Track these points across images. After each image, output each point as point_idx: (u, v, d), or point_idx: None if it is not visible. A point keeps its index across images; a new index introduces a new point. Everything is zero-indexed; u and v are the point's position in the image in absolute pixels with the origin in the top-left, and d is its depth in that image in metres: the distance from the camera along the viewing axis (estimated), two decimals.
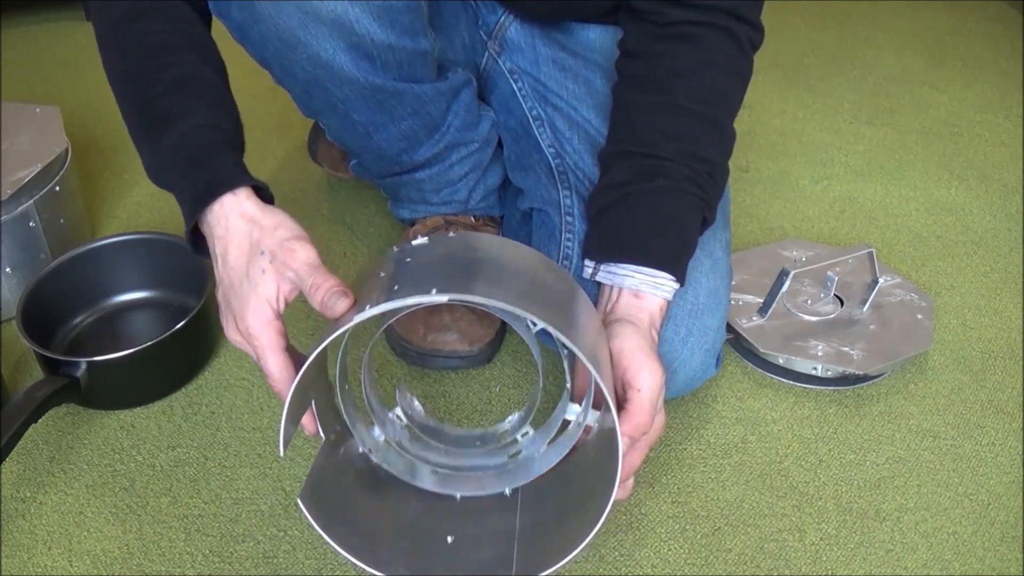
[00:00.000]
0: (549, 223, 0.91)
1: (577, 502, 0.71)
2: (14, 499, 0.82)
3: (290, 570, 0.77)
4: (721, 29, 0.78)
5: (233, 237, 0.67)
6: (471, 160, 0.97)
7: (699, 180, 0.77)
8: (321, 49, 0.78)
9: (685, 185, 0.77)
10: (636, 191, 0.78)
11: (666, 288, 0.77)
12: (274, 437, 0.88)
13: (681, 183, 0.77)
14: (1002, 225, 1.20)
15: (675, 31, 0.78)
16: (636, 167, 0.78)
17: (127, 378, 0.89)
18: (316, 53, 0.78)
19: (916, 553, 0.79)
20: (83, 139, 1.32)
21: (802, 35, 1.67)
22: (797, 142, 1.37)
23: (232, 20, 0.79)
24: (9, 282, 1.00)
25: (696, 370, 0.85)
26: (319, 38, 0.77)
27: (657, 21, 0.78)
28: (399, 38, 0.80)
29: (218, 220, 0.68)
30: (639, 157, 0.78)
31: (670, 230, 0.77)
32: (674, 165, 0.77)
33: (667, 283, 0.77)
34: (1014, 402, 0.94)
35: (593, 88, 0.94)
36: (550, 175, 0.93)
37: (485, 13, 0.98)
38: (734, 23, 0.78)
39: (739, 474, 0.86)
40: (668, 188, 0.77)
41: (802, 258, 1.06)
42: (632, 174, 0.78)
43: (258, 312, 0.65)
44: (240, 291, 0.66)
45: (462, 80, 0.92)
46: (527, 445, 0.77)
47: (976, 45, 1.65)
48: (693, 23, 0.78)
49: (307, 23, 0.76)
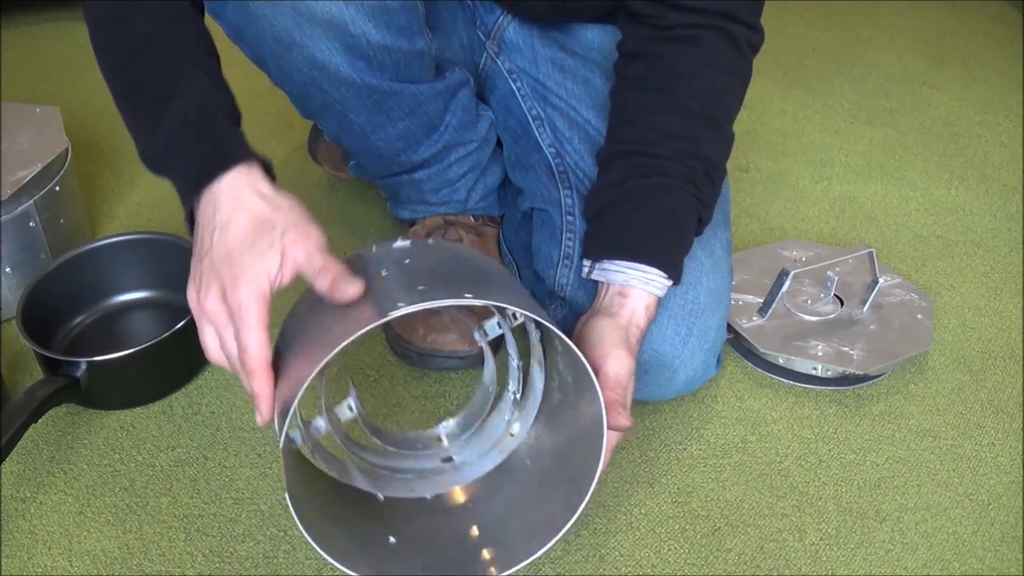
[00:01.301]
0: (550, 223, 0.91)
1: (547, 489, 0.73)
2: (14, 499, 0.82)
3: (290, 570, 0.77)
4: (720, 31, 0.77)
5: (243, 209, 0.65)
6: (469, 160, 0.97)
7: (695, 179, 0.77)
8: (317, 50, 0.78)
9: (681, 182, 0.77)
10: (632, 188, 0.78)
11: (656, 284, 0.77)
12: (274, 437, 0.88)
13: (677, 180, 0.77)
14: (1002, 225, 1.20)
15: (674, 33, 0.78)
16: (633, 165, 0.78)
17: (127, 378, 0.89)
18: (312, 54, 0.78)
19: (916, 553, 0.79)
20: (83, 139, 1.31)
21: (802, 35, 1.67)
22: (797, 142, 1.37)
23: (227, 21, 0.79)
24: (9, 282, 1.00)
25: (697, 370, 0.85)
26: (314, 39, 0.77)
27: (656, 24, 0.78)
28: (395, 38, 0.80)
29: (227, 191, 0.65)
30: (636, 155, 0.78)
31: (664, 226, 0.77)
32: (671, 163, 0.77)
33: (658, 279, 0.76)
34: (1014, 402, 0.94)
35: (592, 88, 0.93)
36: (550, 175, 0.93)
37: (483, 13, 0.98)
38: (733, 25, 0.78)
39: (739, 474, 0.86)
40: (664, 185, 0.77)
41: (802, 258, 1.06)
42: (629, 172, 0.79)
43: (255, 284, 0.63)
44: (238, 261, 0.64)
45: (460, 80, 0.92)
46: (458, 451, 0.79)
47: (976, 45, 1.65)
48: (692, 26, 0.77)
49: (302, 24, 0.76)
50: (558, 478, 0.73)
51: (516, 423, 0.77)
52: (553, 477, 0.73)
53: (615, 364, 0.70)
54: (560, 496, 0.71)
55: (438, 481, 0.78)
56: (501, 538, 0.73)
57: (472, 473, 0.78)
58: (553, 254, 0.89)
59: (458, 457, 0.78)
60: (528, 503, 0.74)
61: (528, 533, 0.71)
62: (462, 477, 0.78)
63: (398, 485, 0.77)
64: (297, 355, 0.64)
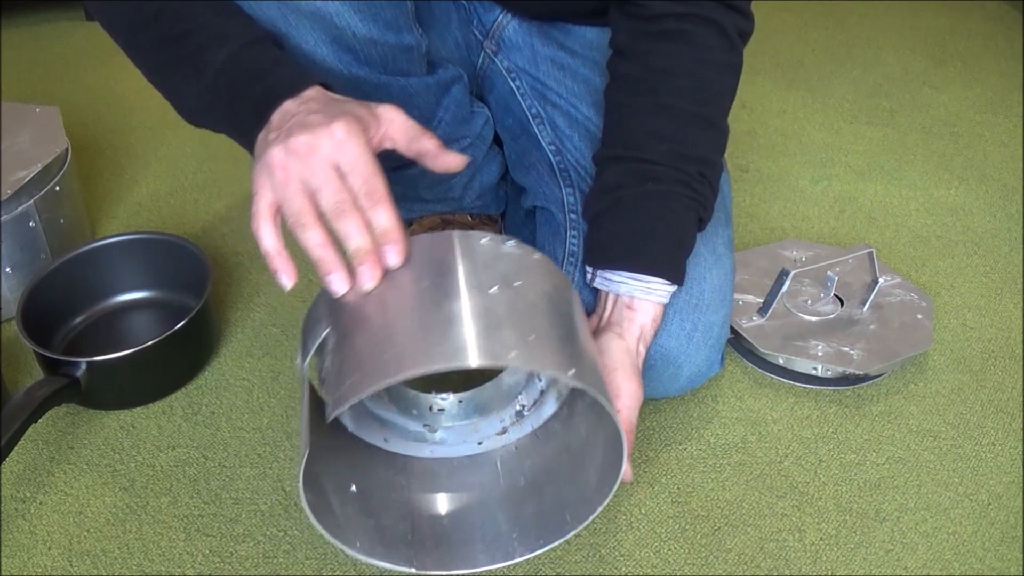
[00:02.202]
0: (553, 221, 0.91)
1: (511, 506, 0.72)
2: (14, 499, 0.82)
3: (290, 570, 0.77)
4: (708, 22, 0.77)
5: (317, 96, 0.63)
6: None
7: (690, 182, 0.77)
8: (303, 41, 0.78)
9: (675, 187, 0.77)
10: (627, 196, 0.78)
11: (660, 293, 0.77)
12: (274, 437, 0.88)
13: (671, 186, 0.77)
14: (1002, 225, 1.20)
15: (663, 26, 0.78)
16: (627, 171, 0.79)
17: (127, 378, 0.89)
18: (298, 44, 0.78)
19: (916, 553, 0.79)
20: (83, 139, 1.32)
21: (802, 35, 1.67)
22: (797, 142, 1.37)
23: None
24: (9, 282, 1.00)
25: (701, 366, 0.85)
26: (300, 30, 0.77)
27: (643, 15, 0.78)
28: (382, 32, 0.80)
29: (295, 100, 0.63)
30: (629, 161, 0.79)
31: (662, 234, 0.77)
32: (663, 168, 0.77)
33: (661, 287, 0.77)
34: (1014, 402, 0.94)
35: (592, 86, 0.94)
36: (551, 173, 0.93)
37: (482, 12, 0.98)
38: (722, 14, 0.77)
39: (739, 474, 0.86)
40: (658, 192, 0.77)
41: (802, 258, 1.06)
42: (623, 178, 0.79)
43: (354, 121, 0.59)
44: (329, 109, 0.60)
45: (452, 75, 0.92)
46: (443, 428, 0.77)
47: (976, 45, 1.65)
48: (680, 16, 0.77)
49: (287, 15, 0.76)
50: (527, 504, 0.72)
51: (510, 431, 0.77)
52: (522, 498, 0.73)
53: (628, 400, 0.70)
54: (525, 521, 0.70)
55: (411, 446, 0.76)
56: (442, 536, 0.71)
57: (443, 451, 0.77)
58: (557, 252, 0.89)
59: (440, 432, 0.77)
60: (488, 510, 0.73)
61: (472, 540, 0.70)
62: (432, 451, 0.77)
63: (373, 430, 0.75)
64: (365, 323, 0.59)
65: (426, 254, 0.62)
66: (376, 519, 0.70)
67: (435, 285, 0.59)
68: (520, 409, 0.77)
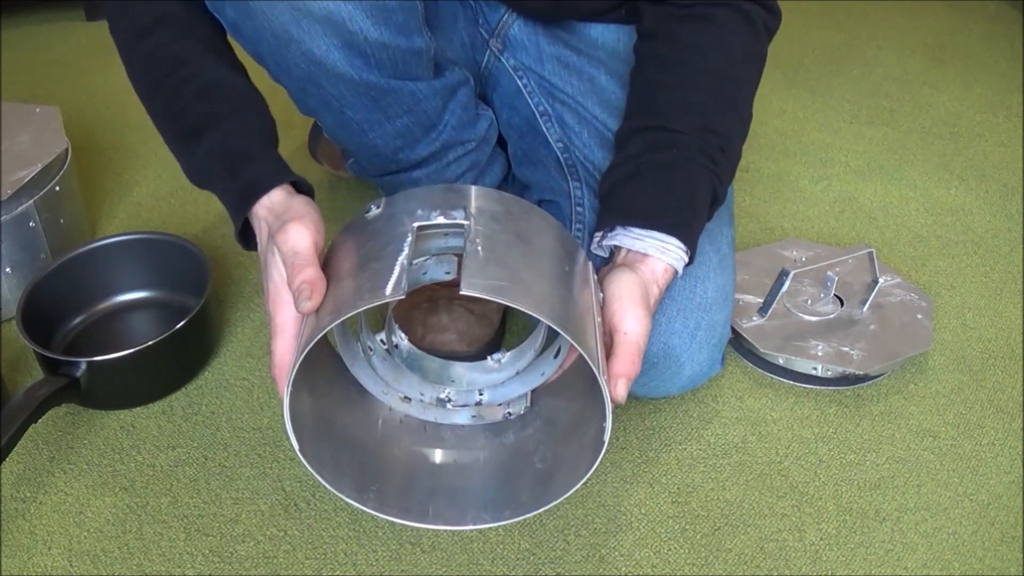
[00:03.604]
0: (558, 213, 0.92)
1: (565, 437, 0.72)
2: (14, 499, 0.82)
3: (290, 570, 0.77)
4: (737, 10, 0.79)
5: (259, 231, 0.71)
6: (468, 159, 0.97)
7: (712, 153, 0.77)
8: (314, 46, 0.78)
9: (697, 156, 0.77)
10: (648, 161, 0.78)
11: (674, 255, 0.75)
12: (274, 437, 0.88)
13: (694, 154, 0.77)
14: (1002, 225, 1.20)
15: (692, 10, 0.80)
16: (651, 140, 0.79)
17: (127, 378, 0.89)
18: (309, 50, 0.78)
19: (916, 553, 0.79)
20: (83, 139, 1.32)
21: (802, 35, 1.67)
22: (797, 142, 1.37)
23: (226, 17, 0.79)
24: (9, 282, 1.00)
25: (703, 364, 0.85)
26: (312, 35, 0.77)
27: (674, 2, 0.80)
28: (393, 36, 0.80)
29: (255, 218, 0.71)
30: (655, 131, 0.79)
31: (680, 198, 0.76)
32: (688, 137, 0.77)
33: (675, 249, 0.75)
34: (1014, 402, 0.94)
35: (598, 85, 0.94)
36: (559, 168, 0.93)
37: (487, 11, 0.98)
38: (751, 5, 0.79)
39: (739, 474, 0.86)
40: (680, 159, 0.77)
41: (802, 258, 1.06)
42: (646, 146, 0.79)
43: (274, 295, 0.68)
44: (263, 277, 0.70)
45: (459, 79, 0.92)
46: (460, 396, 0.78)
47: (976, 45, 1.65)
48: (710, 3, 0.79)
49: (299, 20, 0.76)
50: (521, 472, 0.73)
51: (510, 407, 0.77)
52: (517, 466, 0.73)
53: (633, 324, 0.68)
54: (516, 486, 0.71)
55: (414, 407, 0.77)
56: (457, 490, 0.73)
57: (441, 417, 0.77)
58: None
59: (457, 396, 0.78)
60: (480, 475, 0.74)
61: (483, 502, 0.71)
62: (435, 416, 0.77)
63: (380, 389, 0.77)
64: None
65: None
66: (383, 481, 0.72)
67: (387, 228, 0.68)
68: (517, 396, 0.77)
